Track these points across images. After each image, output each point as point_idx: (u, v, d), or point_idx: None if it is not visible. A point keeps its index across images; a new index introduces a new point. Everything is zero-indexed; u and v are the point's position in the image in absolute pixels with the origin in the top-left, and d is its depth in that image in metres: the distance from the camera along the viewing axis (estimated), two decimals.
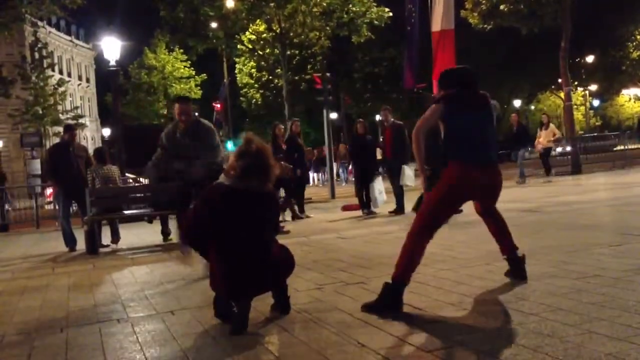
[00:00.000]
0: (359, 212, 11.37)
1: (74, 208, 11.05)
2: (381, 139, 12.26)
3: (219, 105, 39.99)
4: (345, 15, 18.04)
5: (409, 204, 10.29)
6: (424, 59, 16.03)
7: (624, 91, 55.92)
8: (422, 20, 14.53)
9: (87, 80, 65.52)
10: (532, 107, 61.57)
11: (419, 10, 14.11)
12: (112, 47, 16.49)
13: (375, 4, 18.33)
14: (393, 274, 3.94)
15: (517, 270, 4.41)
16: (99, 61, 54.56)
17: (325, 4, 17.54)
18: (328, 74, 18.74)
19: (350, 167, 23.68)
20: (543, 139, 16.90)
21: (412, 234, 4.03)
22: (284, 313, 4.05)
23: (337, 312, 4.01)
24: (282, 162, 10.87)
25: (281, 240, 4.38)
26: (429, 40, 13.73)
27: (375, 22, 18.27)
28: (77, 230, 9.49)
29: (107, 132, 52.65)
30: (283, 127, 12.00)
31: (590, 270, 4.52)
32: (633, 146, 26.85)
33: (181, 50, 42.95)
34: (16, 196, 19.91)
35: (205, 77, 47.67)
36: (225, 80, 38.95)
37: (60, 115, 38.93)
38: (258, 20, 19.36)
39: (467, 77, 4.30)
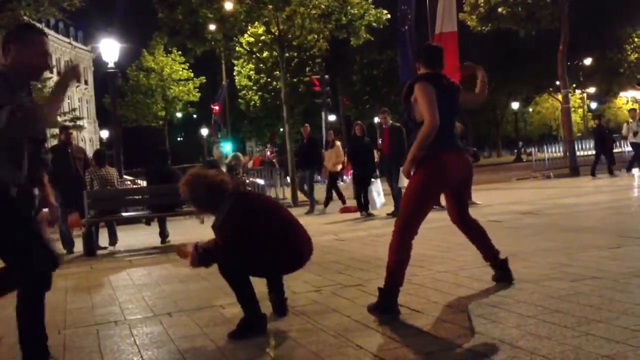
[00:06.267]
0: (357, 214, 11.37)
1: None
2: (380, 141, 12.26)
3: (217, 108, 39.96)
4: (343, 18, 18.05)
5: None
6: None
7: (622, 94, 55.92)
8: (418, 21, 14.49)
9: (86, 82, 65.49)
10: (530, 110, 61.62)
11: (414, 11, 14.08)
12: (110, 49, 16.51)
13: (373, 6, 18.35)
14: (385, 277, 3.89)
15: (502, 274, 4.38)
16: (98, 63, 54.55)
17: (323, 7, 17.54)
18: (326, 76, 18.73)
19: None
20: (327, 161, 13.53)
21: (395, 233, 3.94)
22: (281, 315, 4.05)
23: (335, 314, 4.00)
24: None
25: None
26: (425, 41, 13.72)
27: (374, 24, 18.28)
28: (75, 233, 9.48)
29: (105, 134, 52.73)
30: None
31: (589, 272, 4.52)
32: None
33: (179, 53, 42.96)
34: None
35: (204, 80, 47.67)
36: (223, 83, 38.94)
37: (58, 117, 38.88)
38: (256, 22, 19.38)
39: (440, 57, 4.18)
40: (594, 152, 17.94)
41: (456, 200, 4.33)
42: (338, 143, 14.01)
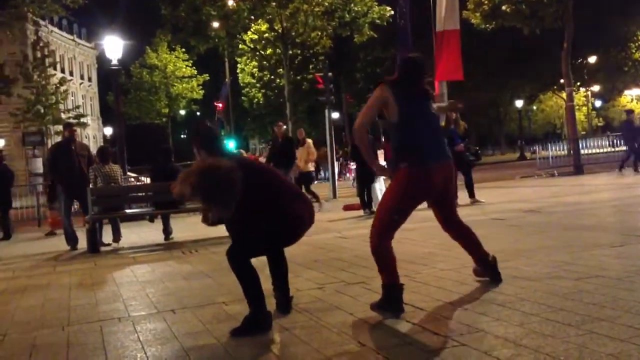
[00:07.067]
0: (360, 212, 11.37)
1: (76, 207, 11.05)
2: (382, 139, 12.25)
3: (220, 105, 40.04)
4: (347, 15, 18.08)
5: None
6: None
7: (626, 92, 55.80)
8: (414, 18, 14.45)
9: (89, 79, 65.54)
10: (534, 108, 61.49)
11: (409, 7, 14.02)
12: (114, 46, 16.51)
13: (376, 3, 18.36)
14: (382, 278, 3.89)
15: (492, 275, 4.37)
16: (101, 60, 54.55)
17: (327, 4, 17.58)
18: (330, 74, 18.73)
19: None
20: (299, 160, 13.05)
21: (372, 237, 3.91)
22: (285, 312, 4.05)
23: (338, 311, 4.01)
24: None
25: None
26: (422, 38, 13.69)
27: (377, 21, 18.29)
28: (79, 229, 9.50)
29: (108, 131, 52.81)
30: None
31: (592, 271, 4.51)
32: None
33: (183, 50, 42.97)
34: (18, 195, 19.88)
35: (207, 77, 47.66)
36: (227, 80, 38.96)
37: (62, 114, 38.91)
38: (260, 19, 19.40)
39: (412, 66, 4.14)
40: (625, 148, 17.84)
41: (440, 209, 4.30)
42: (309, 141, 13.85)
